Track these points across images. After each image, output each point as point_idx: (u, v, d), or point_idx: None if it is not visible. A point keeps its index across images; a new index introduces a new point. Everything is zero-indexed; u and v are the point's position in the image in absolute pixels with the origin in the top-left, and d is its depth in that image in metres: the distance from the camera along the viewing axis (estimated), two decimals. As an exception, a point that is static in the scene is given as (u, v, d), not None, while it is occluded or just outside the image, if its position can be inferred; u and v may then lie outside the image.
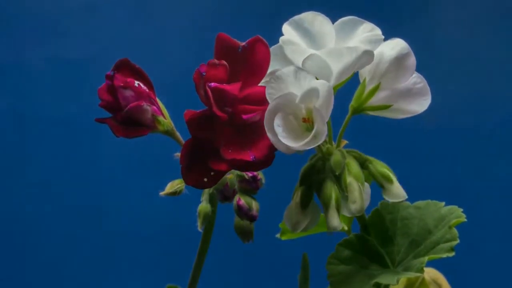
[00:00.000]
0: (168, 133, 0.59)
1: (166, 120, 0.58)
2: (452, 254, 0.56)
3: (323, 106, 0.50)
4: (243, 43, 0.54)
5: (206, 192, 0.61)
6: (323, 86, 0.50)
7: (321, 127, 0.50)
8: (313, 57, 0.52)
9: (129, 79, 0.57)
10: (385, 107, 0.56)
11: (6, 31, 1.38)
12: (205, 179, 0.53)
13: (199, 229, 0.61)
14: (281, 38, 0.55)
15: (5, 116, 1.35)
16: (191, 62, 0.55)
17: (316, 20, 0.55)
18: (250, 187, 0.60)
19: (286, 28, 0.55)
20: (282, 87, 0.52)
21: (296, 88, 0.51)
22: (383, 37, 0.54)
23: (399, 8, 1.36)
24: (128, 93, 0.56)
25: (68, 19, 1.38)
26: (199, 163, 0.53)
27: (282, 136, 0.50)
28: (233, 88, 0.53)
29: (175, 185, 0.59)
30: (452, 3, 1.38)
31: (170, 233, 1.31)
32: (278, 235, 0.71)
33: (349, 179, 0.54)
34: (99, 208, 1.34)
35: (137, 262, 1.34)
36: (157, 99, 0.59)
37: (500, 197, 1.30)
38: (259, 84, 0.54)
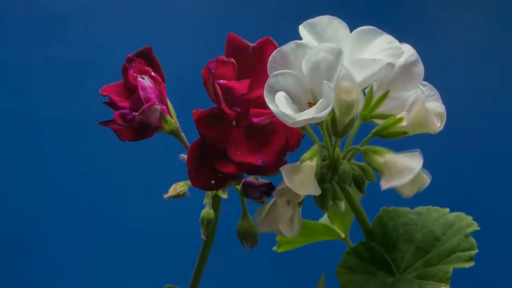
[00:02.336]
0: (174, 133, 0.58)
1: (172, 120, 0.58)
2: (472, 264, 0.55)
3: (330, 75, 0.49)
4: (253, 44, 0.54)
5: (209, 196, 0.60)
6: (328, 57, 0.50)
7: (326, 99, 0.49)
8: None
9: (147, 68, 0.57)
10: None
11: (6, 31, 1.37)
12: (212, 181, 0.53)
13: (203, 236, 0.60)
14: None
15: (5, 116, 1.35)
16: (192, 62, 0.55)
17: (330, 24, 0.53)
18: None
19: (302, 30, 0.54)
20: (285, 65, 0.51)
21: (298, 65, 0.51)
22: (403, 50, 0.53)
23: (399, 8, 1.36)
24: (147, 83, 0.56)
25: (68, 19, 1.38)
26: (207, 165, 0.53)
27: (284, 108, 0.49)
28: (241, 86, 0.53)
29: (179, 187, 0.59)
30: (452, 4, 1.38)
31: (171, 233, 1.31)
32: (274, 248, 0.70)
33: (383, 158, 0.53)
34: (100, 208, 1.34)
35: (137, 263, 1.33)
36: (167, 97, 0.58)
37: (500, 199, 1.30)
38: None
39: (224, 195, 0.61)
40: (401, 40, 0.55)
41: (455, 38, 1.35)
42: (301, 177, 0.52)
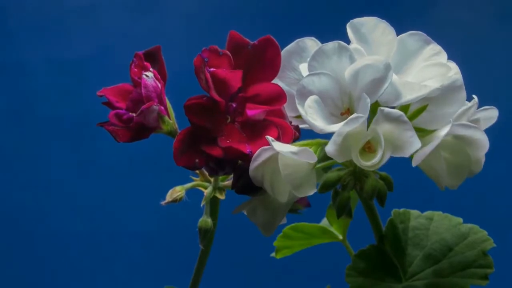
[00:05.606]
0: (172, 134, 0.57)
1: (171, 120, 0.57)
2: (487, 282, 0.54)
3: (374, 91, 0.48)
4: (254, 42, 0.54)
5: (207, 199, 0.59)
6: (377, 70, 0.48)
7: (361, 112, 0.47)
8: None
9: (145, 63, 0.57)
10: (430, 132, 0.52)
11: (6, 31, 1.37)
12: (197, 160, 0.52)
13: (201, 245, 0.59)
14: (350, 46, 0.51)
15: (5, 115, 1.35)
16: (192, 62, 0.54)
17: (378, 27, 0.52)
18: None
19: (347, 29, 0.52)
20: (326, 63, 0.49)
21: (340, 67, 0.49)
22: (451, 74, 0.51)
23: (400, 7, 1.36)
24: (150, 82, 0.55)
25: (68, 19, 1.38)
26: (193, 148, 0.52)
27: (313, 117, 0.48)
28: (234, 78, 0.52)
29: (175, 193, 0.58)
30: (452, 4, 1.38)
31: (171, 234, 1.31)
32: (272, 254, 0.69)
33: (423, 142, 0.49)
34: (99, 208, 1.34)
35: (137, 263, 1.34)
36: (166, 97, 0.58)
37: (499, 201, 1.30)
38: (273, 81, 0.53)
39: (221, 196, 0.60)
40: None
41: (455, 38, 1.35)
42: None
